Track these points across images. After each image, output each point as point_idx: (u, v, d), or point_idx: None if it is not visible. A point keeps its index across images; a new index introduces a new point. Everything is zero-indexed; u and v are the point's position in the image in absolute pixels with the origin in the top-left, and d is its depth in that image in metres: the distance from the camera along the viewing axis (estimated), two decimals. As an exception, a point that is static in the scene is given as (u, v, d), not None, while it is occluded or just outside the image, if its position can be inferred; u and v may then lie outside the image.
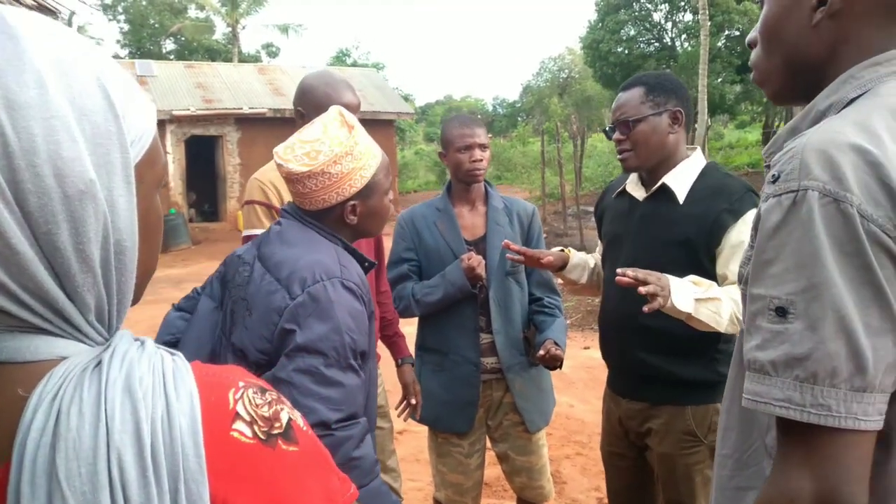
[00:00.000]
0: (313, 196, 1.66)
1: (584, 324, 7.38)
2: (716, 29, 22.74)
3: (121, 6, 35.16)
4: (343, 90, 2.29)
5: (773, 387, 0.84)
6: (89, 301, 0.55)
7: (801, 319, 0.82)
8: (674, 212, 2.04)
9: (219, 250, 15.08)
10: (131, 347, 0.56)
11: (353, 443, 1.51)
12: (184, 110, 16.67)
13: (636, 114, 2.06)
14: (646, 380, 2.10)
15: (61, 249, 0.52)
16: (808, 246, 0.82)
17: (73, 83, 0.53)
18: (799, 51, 1.01)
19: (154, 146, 0.61)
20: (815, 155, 0.84)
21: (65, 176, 0.51)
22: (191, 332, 1.71)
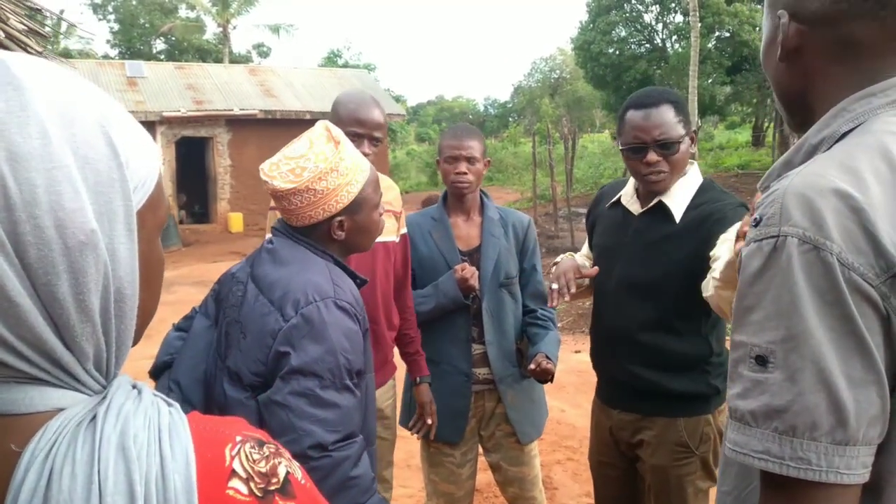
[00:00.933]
0: (300, 212, 1.66)
1: (576, 327, 7.39)
2: (706, 30, 22.84)
3: (111, 6, 34.97)
4: (366, 107, 2.27)
5: (752, 437, 0.82)
6: (88, 350, 0.55)
7: (781, 370, 0.80)
8: (669, 229, 2.03)
9: (209, 252, 15.03)
10: (127, 400, 0.55)
11: (350, 462, 1.52)
12: (174, 112, 16.60)
13: (677, 136, 1.97)
14: (638, 392, 2.11)
15: (60, 300, 0.51)
16: (787, 294, 0.80)
17: (77, 132, 0.53)
18: (781, 84, 1.03)
19: (157, 190, 0.61)
20: (795, 199, 0.82)
21: (66, 227, 0.51)
22: (186, 351, 1.71)
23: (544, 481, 3.93)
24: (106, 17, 35.46)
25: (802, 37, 0.95)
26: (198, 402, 1.65)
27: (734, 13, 22.86)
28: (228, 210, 17.78)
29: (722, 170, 20.52)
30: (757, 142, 25.57)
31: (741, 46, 23.12)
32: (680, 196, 2.05)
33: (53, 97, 0.53)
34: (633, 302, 2.08)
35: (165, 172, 16.91)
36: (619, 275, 2.14)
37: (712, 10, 22.72)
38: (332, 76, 21.37)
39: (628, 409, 2.17)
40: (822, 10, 0.92)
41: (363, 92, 2.39)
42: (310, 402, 1.49)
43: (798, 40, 0.95)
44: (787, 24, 0.95)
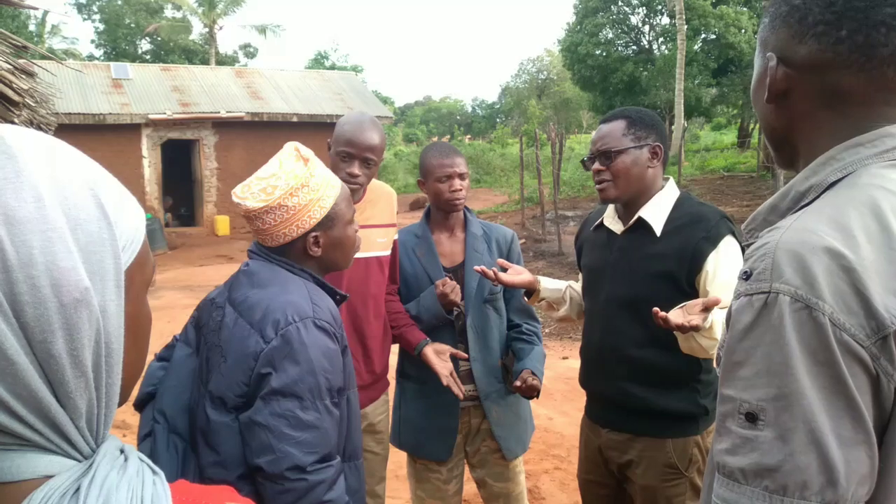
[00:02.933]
0: (274, 231, 1.68)
1: (563, 333, 7.42)
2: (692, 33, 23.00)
3: (96, 6, 34.75)
4: (360, 129, 2.28)
5: (742, 495, 0.82)
6: (80, 406, 0.56)
7: (772, 428, 0.80)
8: (652, 245, 2.07)
9: (196, 255, 14.96)
10: (112, 470, 0.56)
11: (325, 486, 1.54)
12: (160, 114, 16.50)
13: (618, 145, 2.08)
14: (627, 411, 2.13)
15: (56, 357, 0.53)
16: (778, 353, 0.80)
17: (68, 195, 0.55)
18: (768, 123, 1.04)
19: (143, 249, 0.63)
20: (787, 256, 0.82)
21: (61, 286, 0.53)
22: (168, 380, 1.72)
23: (532, 491, 3.95)
24: (91, 16, 35.25)
25: (790, 81, 0.96)
26: (183, 430, 1.65)
27: (720, 16, 23.03)
28: (215, 213, 17.70)
29: (708, 172, 20.66)
30: (743, 144, 25.74)
31: (727, 49, 23.30)
32: (657, 210, 2.09)
33: (45, 164, 0.55)
34: (622, 318, 2.11)
35: (151, 175, 16.81)
36: (607, 293, 2.16)
37: (698, 12, 22.88)
38: (319, 78, 21.32)
39: (617, 429, 2.18)
40: (809, 57, 0.93)
41: (363, 114, 2.41)
42: (289, 423, 1.52)
43: (786, 84, 0.97)
44: (775, 67, 0.97)
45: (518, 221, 14.97)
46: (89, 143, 14.97)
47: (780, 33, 0.97)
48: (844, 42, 0.90)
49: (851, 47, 0.90)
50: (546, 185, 14.78)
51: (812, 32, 0.93)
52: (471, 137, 48.86)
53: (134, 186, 16.14)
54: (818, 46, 0.92)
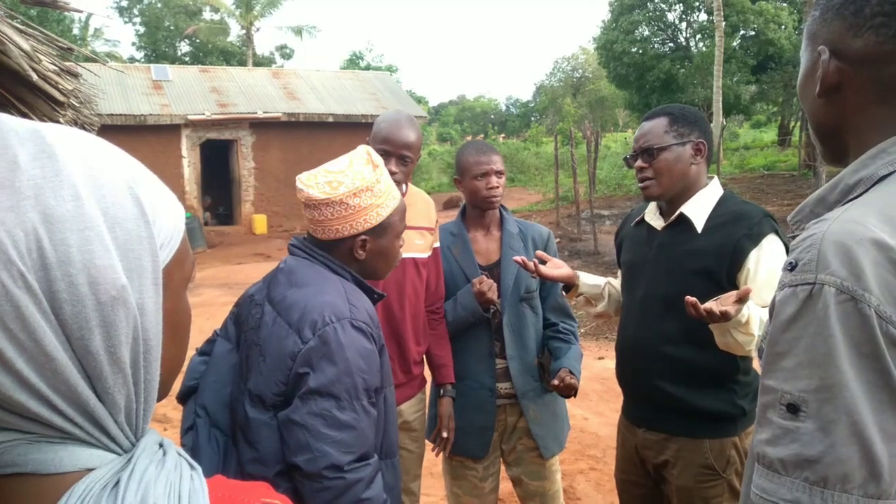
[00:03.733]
0: (327, 225, 1.70)
1: (599, 333, 7.36)
2: (731, 29, 22.61)
3: (136, 8, 35.48)
4: (397, 127, 2.32)
5: (781, 486, 0.82)
6: (119, 401, 0.57)
7: (814, 419, 0.79)
8: (692, 241, 2.04)
9: (234, 253, 15.20)
10: (151, 464, 0.57)
11: (363, 485, 1.55)
12: (199, 115, 16.79)
13: (660, 142, 2.07)
14: (663, 410, 2.10)
15: (94, 353, 0.54)
16: (822, 344, 0.79)
17: (107, 194, 0.56)
18: (816, 118, 1.02)
19: (182, 247, 0.64)
20: (833, 247, 0.81)
21: (98, 283, 0.53)
22: (209, 375, 1.75)
23: (567, 491, 3.93)
24: (132, 19, 35.99)
25: (843, 75, 0.95)
26: (224, 425, 1.68)
27: (759, 11, 22.60)
28: (252, 212, 17.95)
29: (747, 170, 20.27)
30: (783, 142, 25.24)
31: (766, 45, 22.86)
32: (700, 207, 2.07)
33: (84, 162, 0.56)
34: (659, 315, 2.08)
35: (191, 175, 17.12)
36: (645, 289, 2.15)
37: (736, 8, 22.48)
38: (354, 79, 21.48)
39: (654, 429, 2.16)
40: (865, 50, 0.92)
41: (399, 112, 2.44)
42: (326, 423, 1.53)
43: (838, 77, 0.95)
44: (827, 60, 0.95)
45: (553, 220, 14.89)
46: (130, 143, 15.31)
47: (832, 26, 0.95)
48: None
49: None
50: (581, 184, 14.66)
51: (869, 24, 0.91)
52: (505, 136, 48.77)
53: (174, 186, 16.46)
54: (875, 39, 0.90)
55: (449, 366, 2.53)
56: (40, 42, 3.42)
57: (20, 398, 0.51)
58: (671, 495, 2.16)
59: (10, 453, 0.53)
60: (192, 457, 1.74)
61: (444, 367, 2.53)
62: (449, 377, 2.53)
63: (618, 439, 2.38)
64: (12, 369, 0.51)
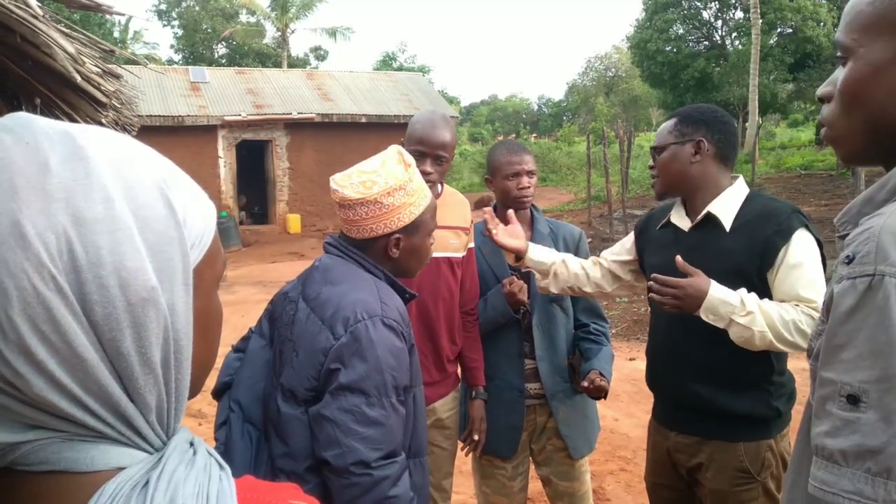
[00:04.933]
0: (362, 224, 1.73)
1: (630, 333, 7.31)
2: (767, 27, 22.20)
3: (175, 12, 36.10)
4: (431, 127, 2.33)
5: (842, 477, 0.81)
6: (150, 401, 0.57)
7: (875, 409, 0.79)
8: (721, 240, 2.03)
9: (268, 252, 15.39)
10: (181, 464, 0.58)
11: (389, 482, 1.57)
12: (235, 116, 17.04)
13: (661, 142, 2.16)
14: (696, 412, 2.08)
15: (125, 354, 0.54)
16: (883, 334, 0.79)
17: (137, 195, 0.56)
18: (886, 114, 0.97)
19: (213, 247, 0.64)
20: (892, 239, 0.81)
21: (129, 285, 0.54)
22: (243, 371, 1.79)
23: (597, 492, 3.92)
24: (170, 22, 36.64)
25: None
26: (257, 419, 1.72)
27: (797, 8, 22.15)
28: (287, 211, 18.16)
29: (784, 170, 19.90)
30: (821, 141, 24.69)
31: (804, 43, 22.40)
32: (727, 205, 2.06)
33: (114, 164, 0.56)
34: (690, 317, 2.05)
35: (226, 175, 17.38)
36: None
37: (774, 5, 22.06)
38: (387, 80, 21.58)
39: (686, 432, 2.13)
40: None
41: (434, 112, 2.45)
42: (356, 418, 1.55)
43: None
44: None
45: (584, 220, 14.80)
46: (168, 143, 15.58)
47: None
48: None
49: None
50: (614, 184, 14.56)
51: None
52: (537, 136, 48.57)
53: (210, 186, 16.73)
54: None
55: (481, 368, 2.54)
56: (84, 45, 3.52)
57: (53, 398, 0.52)
58: (704, 499, 2.13)
59: (44, 451, 0.54)
60: (224, 451, 1.77)
61: (475, 369, 2.54)
62: (480, 379, 2.54)
63: (648, 442, 2.35)
64: (45, 370, 0.51)
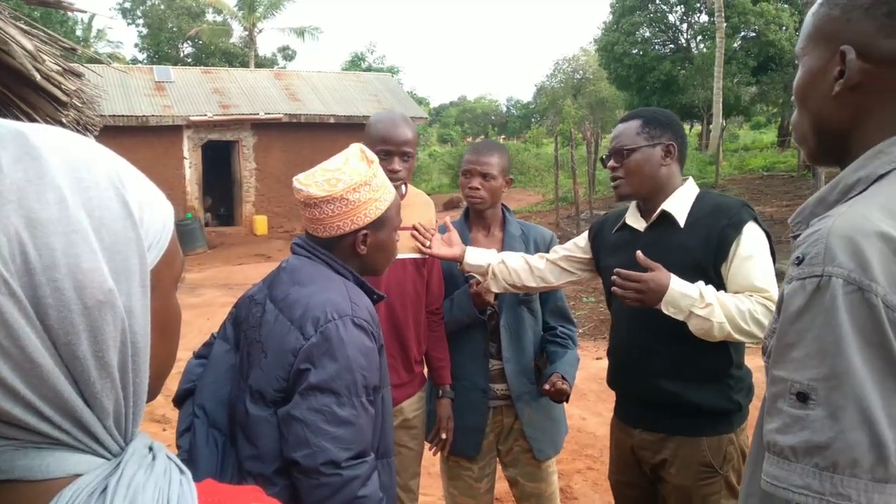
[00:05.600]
0: (328, 222, 1.73)
1: (597, 333, 7.38)
2: (732, 30, 22.61)
3: (139, 10, 35.49)
4: (393, 126, 2.34)
5: (792, 472, 0.84)
6: (108, 406, 0.56)
7: (823, 407, 0.82)
8: (677, 236, 2.09)
9: (234, 254, 15.20)
10: (140, 469, 0.57)
11: (359, 482, 1.57)
12: (201, 116, 16.81)
13: (631, 144, 2.15)
14: (660, 409, 2.12)
15: (81, 358, 0.53)
16: (830, 333, 0.82)
17: (92, 196, 0.55)
18: (823, 118, 1.02)
19: (171, 247, 0.63)
20: (840, 241, 0.84)
21: (84, 288, 0.52)
22: (207, 376, 1.77)
23: (564, 491, 3.94)
24: (135, 21, 36.00)
25: (866, 75, 0.95)
26: (223, 424, 1.70)
27: (760, 13, 22.60)
28: (253, 213, 17.96)
29: (746, 171, 20.27)
30: (783, 143, 25.23)
31: (767, 46, 22.86)
32: (680, 203, 2.12)
33: (68, 164, 0.55)
34: (651, 314, 2.08)
35: (192, 176, 17.14)
36: None
37: (738, 9, 22.48)
38: (355, 80, 21.49)
39: (650, 429, 2.17)
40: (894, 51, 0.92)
41: (392, 111, 2.47)
42: (326, 418, 1.55)
43: (860, 77, 0.96)
44: (854, 60, 0.95)
45: (552, 221, 14.90)
46: (132, 144, 15.33)
47: (860, 26, 0.95)
48: None
49: None
50: (581, 185, 14.69)
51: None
52: (505, 137, 48.76)
53: (175, 187, 16.48)
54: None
55: (447, 367, 2.56)
56: (43, 42, 3.44)
57: (5, 406, 0.50)
58: (668, 495, 2.17)
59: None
60: (189, 457, 1.75)
61: (442, 368, 2.55)
62: (447, 378, 2.55)
63: (611, 441, 2.39)
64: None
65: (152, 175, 0.64)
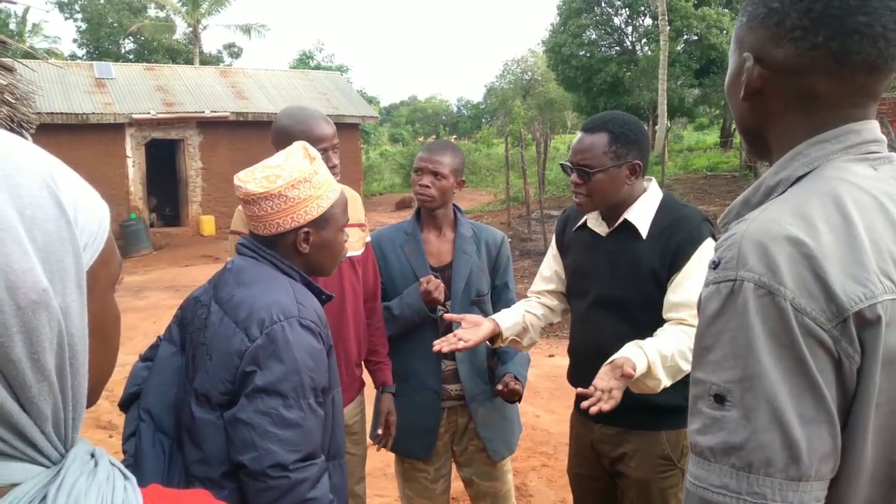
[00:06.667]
0: (268, 219, 1.69)
1: (549, 331, 7.42)
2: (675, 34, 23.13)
3: (78, 4, 34.35)
4: (315, 123, 2.31)
5: (711, 472, 0.86)
6: (45, 411, 0.54)
7: (737, 408, 0.84)
8: (639, 246, 2.09)
9: (181, 255, 14.86)
10: (81, 475, 0.54)
11: (307, 484, 1.55)
12: (144, 114, 16.37)
13: (598, 164, 2.07)
14: (620, 406, 2.12)
15: (15, 361, 0.51)
16: (743, 337, 0.84)
17: (23, 193, 0.53)
18: (741, 119, 1.07)
19: (108, 247, 0.61)
20: (752, 245, 0.86)
21: (17, 288, 0.50)
22: (153, 379, 1.73)
23: (519, 489, 3.97)
24: (73, 16, 34.81)
25: (765, 81, 0.98)
26: (169, 427, 1.66)
27: (702, 17, 23.18)
28: (200, 213, 17.59)
29: (691, 171, 20.79)
30: (725, 143, 25.94)
31: (709, 49, 23.46)
32: (643, 213, 2.12)
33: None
34: (610, 318, 2.13)
35: (136, 175, 16.68)
36: (594, 294, 2.18)
37: (680, 13, 23.02)
38: (304, 78, 21.25)
39: (610, 423, 2.18)
40: (785, 60, 0.96)
41: (304, 109, 2.44)
42: (273, 421, 1.53)
43: (761, 83, 0.99)
44: (752, 66, 0.99)
45: (504, 221, 15.00)
46: (72, 142, 14.81)
47: (757, 34, 0.99)
48: (820, 48, 0.92)
49: (826, 53, 0.92)
50: (531, 185, 14.83)
51: (789, 37, 0.94)
52: (456, 137, 48.88)
53: (118, 186, 16.00)
54: (795, 51, 0.94)
55: (388, 364, 2.52)
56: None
57: None
58: (627, 489, 2.20)
59: None
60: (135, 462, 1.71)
61: (382, 363, 2.52)
62: (388, 377, 2.52)
63: (571, 435, 2.40)
64: None
65: (94, 174, 0.61)
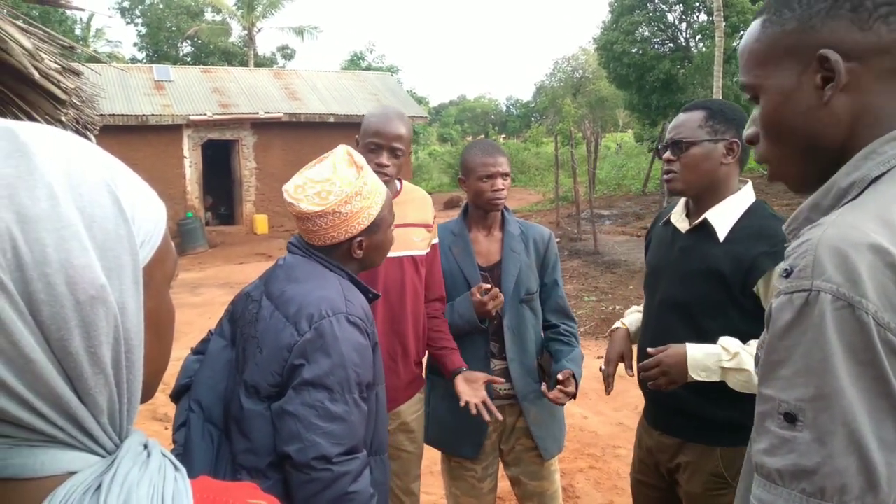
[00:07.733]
0: (323, 233, 1.75)
1: (598, 332, 7.36)
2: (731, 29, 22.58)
3: (138, 9, 35.46)
4: (387, 120, 2.33)
5: (779, 497, 0.80)
6: (101, 402, 0.56)
7: (810, 429, 0.78)
8: (712, 249, 1.98)
9: (235, 253, 15.20)
10: (134, 466, 0.56)
11: (349, 478, 1.58)
12: (200, 115, 16.79)
13: (691, 136, 1.99)
14: (678, 415, 2.07)
15: (74, 354, 0.53)
16: (818, 352, 0.78)
17: (84, 192, 0.55)
18: (813, 134, 0.95)
19: (164, 245, 0.63)
20: (829, 253, 0.80)
21: (76, 283, 0.52)
22: (203, 371, 1.78)
23: (566, 490, 3.94)
24: (134, 20, 35.96)
25: (853, 74, 0.90)
26: (218, 419, 1.72)
27: (760, 12, 22.57)
28: (254, 212, 17.95)
29: (747, 171, 20.27)
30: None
31: (767, 45, 22.82)
32: (726, 214, 1.99)
33: (60, 160, 0.55)
34: (675, 321, 2.04)
35: (192, 175, 17.13)
36: (662, 293, 2.11)
37: (736, 8, 22.47)
38: (355, 79, 21.47)
39: (669, 433, 2.13)
40: (879, 42, 0.88)
41: (388, 108, 2.46)
42: (318, 414, 1.57)
43: (849, 78, 0.90)
44: (839, 61, 0.90)
45: (553, 220, 14.89)
46: (132, 143, 15.31)
47: (828, 28, 0.91)
48: None
49: None
50: (581, 184, 14.67)
51: (876, 16, 0.87)
52: (505, 137, 48.75)
53: (175, 186, 16.47)
54: (887, 29, 0.87)
55: (454, 350, 2.45)
56: (42, 41, 3.44)
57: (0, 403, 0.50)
58: (683, 499, 2.14)
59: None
60: (185, 452, 1.77)
61: (453, 349, 2.45)
62: (459, 360, 2.42)
63: (635, 439, 2.36)
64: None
65: (152, 174, 0.63)
